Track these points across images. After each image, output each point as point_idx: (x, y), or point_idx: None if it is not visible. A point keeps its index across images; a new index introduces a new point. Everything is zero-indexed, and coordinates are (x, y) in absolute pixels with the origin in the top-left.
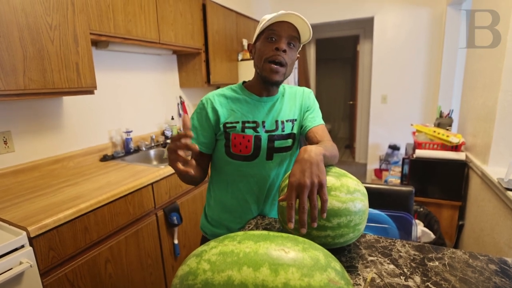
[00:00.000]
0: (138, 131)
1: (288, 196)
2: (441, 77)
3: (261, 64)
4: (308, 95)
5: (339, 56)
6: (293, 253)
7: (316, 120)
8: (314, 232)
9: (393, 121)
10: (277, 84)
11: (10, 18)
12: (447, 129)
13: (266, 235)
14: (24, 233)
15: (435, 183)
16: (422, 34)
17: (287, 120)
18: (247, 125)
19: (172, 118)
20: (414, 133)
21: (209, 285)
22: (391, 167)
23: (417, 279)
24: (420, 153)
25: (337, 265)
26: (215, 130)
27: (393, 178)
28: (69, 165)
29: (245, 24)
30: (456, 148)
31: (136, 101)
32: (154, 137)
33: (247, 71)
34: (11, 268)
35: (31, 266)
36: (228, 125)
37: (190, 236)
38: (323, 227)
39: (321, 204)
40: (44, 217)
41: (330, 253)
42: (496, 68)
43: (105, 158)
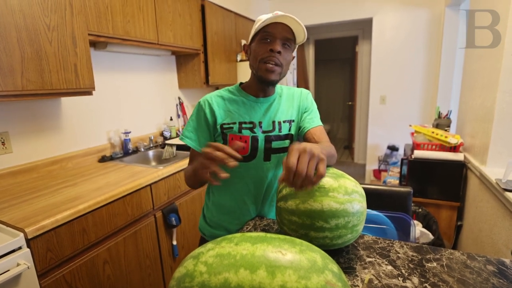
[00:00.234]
0: (136, 132)
1: (289, 158)
2: (440, 78)
3: (256, 65)
4: (306, 96)
5: (338, 57)
6: (290, 255)
7: (314, 121)
8: (312, 233)
9: (391, 121)
10: (273, 84)
11: (8, 19)
12: (446, 130)
13: (263, 237)
14: (21, 234)
15: (434, 184)
16: (421, 35)
17: (284, 121)
18: (244, 125)
19: (171, 119)
20: (412, 134)
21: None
22: (390, 167)
23: (415, 280)
24: (418, 153)
25: (335, 267)
26: (213, 131)
27: (392, 179)
28: (68, 166)
29: (244, 25)
30: (454, 149)
31: (134, 102)
32: (152, 138)
33: (246, 72)
34: (9, 270)
35: (28, 267)
36: (225, 126)
37: (189, 237)
38: (321, 228)
39: (316, 175)
40: (41, 219)
41: (328, 255)
42: (495, 69)
43: (103, 159)
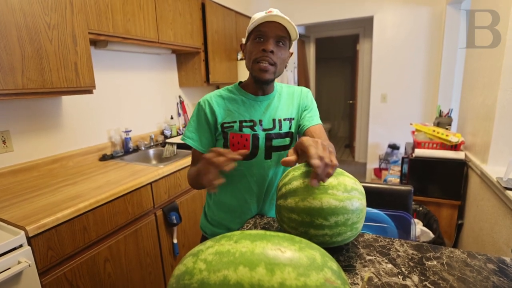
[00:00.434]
0: (137, 131)
1: (311, 151)
2: (441, 76)
3: (250, 65)
4: (306, 95)
5: (339, 55)
6: (289, 253)
7: (313, 120)
8: (312, 231)
9: (392, 120)
10: (268, 83)
11: (8, 17)
12: (447, 128)
13: (262, 234)
14: (22, 232)
15: (435, 182)
16: (422, 33)
17: (284, 119)
18: (244, 124)
19: (172, 118)
20: (413, 132)
21: (205, 285)
22: (391, 166)
23: (415, 278)
24: (419, 152)
25: (334, 264)
26: (214, 131)
27: (393, 178)
28: (68, 165)
29: (245, 24)
30: (455, 147)
31: (135, 100)
32: (153, 136)
33: (246, 71)
34: (10, 268)
35: (29, 265)
36: (226, 125)
37: (189, 236)
38: (320, 226)
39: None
40: (42, 217)
41: (327, 253)
42: (496, 67)
43: (104, 158)
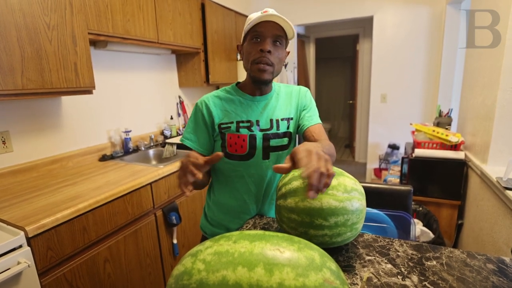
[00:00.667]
0: (137, 131)
1: (306, 161)
2: (441, 76)
3: (249, 66)
4: (304, 94)
5: (339, 55)
6: (288, 253)
7: (313, 119)
8: (311, 231)
9: (392, 120)
10: (267, 83)
11: (8, 18)
12: (447, 128)
13: (261, 234)
14: (22, 233)
15: (434, 182)
16: (422, 33)
17: (282, 119)
18: (241, 124)
19: (171, 118)
20: (413, 132)
21: (204, 285)
22: (391, 166)
23: (415, 278)
24: (419, 152)
25: (333, 264)
26: (211, 132)
27: (393, 178)
28: (68, 165)
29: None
30: (455, 147)
31: (135, 100)
32: (153, 136)
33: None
34: (9, 268)
35: (29, 266)
36: (223, 125)
37: (189, 236)
38: (320, 226)
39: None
40: (42, 217)
41: (326, 253)
42: (495, 67)
43: (104, 158)
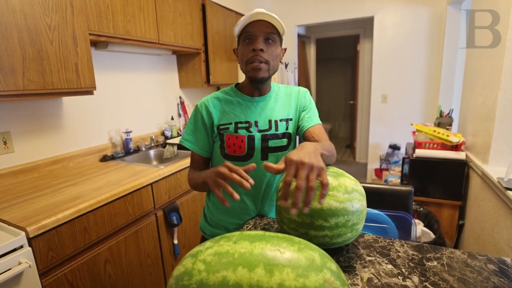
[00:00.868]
0: (137, 132)
1: (286, 172)
2: (441, 76)
3: (244, 67)
4: (304, 95)
5: (339, 56)
6: (288, 254)
7: (313, 120)
8: (312, 232)
9: (393, 120)
10: (264, 81)
11: (9, 19)
12: (447, 129)
13: (262, 235)
14: (23, 233)
15: (435, 183)
16: (422, 33)
17: (281, 120)
18: (239, 125)
19: (172, 118)
20: (414, 133)
21: (204, 286)
22: (391, 166)
23: (415, 279)
24: (420, 152)
25: (333, 265)
26: (211, 133)
27: (393, 178)
28: (69, 166)
29: None
30: (456, 147)
31: (135, 101)
32: (153, 137)
33: None
34: (10, 269)
35: (30, 266)
36: (222, 126)
37: (190, 236)
38: (320, 227)
39: (321, 187)
40: (43, 218)
41: (326, 253)
42: (496, 67)
43: (104, 159)
